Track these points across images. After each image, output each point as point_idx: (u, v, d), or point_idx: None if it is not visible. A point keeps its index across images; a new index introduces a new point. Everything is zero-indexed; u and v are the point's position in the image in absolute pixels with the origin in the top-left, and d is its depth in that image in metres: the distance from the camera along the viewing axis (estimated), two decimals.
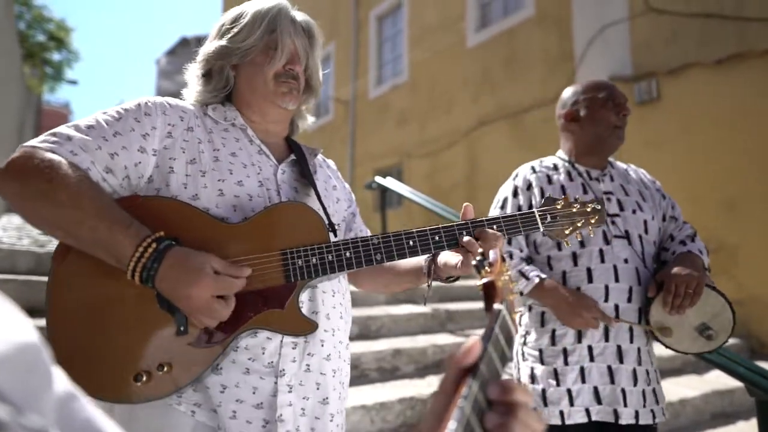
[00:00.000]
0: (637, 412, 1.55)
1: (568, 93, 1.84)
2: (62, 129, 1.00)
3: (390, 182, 5.17)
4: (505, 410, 0.45)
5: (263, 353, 1.01)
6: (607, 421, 1.55)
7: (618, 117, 1.72)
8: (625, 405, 1.55)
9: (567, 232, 1.20)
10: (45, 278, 0.98)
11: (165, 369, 0.93)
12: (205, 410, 0.99)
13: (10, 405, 0.26)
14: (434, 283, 1.20)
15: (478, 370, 0.46)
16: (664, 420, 1.62)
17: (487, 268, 0.62)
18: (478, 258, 0.63)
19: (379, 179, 5.27)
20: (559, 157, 1.82)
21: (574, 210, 1.21)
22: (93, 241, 0.91)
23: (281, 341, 1.02)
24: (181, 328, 0.95)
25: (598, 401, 1.55)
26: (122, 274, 0.92)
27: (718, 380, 3.54)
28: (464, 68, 8.00)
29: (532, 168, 1.78)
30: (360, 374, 3.01)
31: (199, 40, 1.27)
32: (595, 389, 1.56)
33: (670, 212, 1.79)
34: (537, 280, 1.61)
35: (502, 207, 1.77)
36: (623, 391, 1.56)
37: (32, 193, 0.91)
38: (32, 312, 1.49)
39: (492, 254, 0.65)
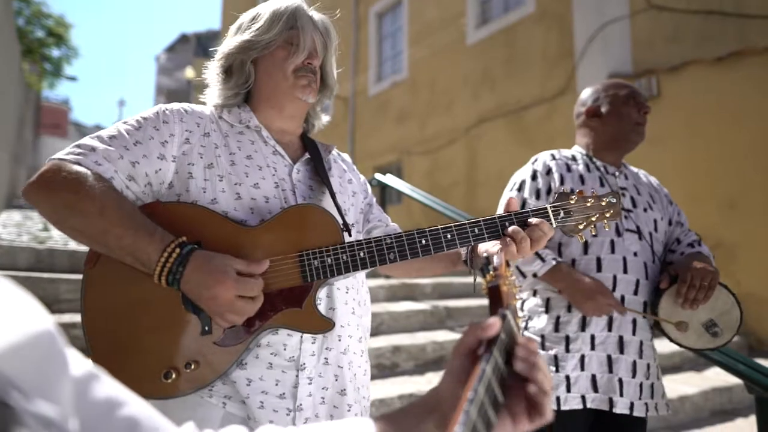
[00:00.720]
0: (632, 404, 1.57)
1: (588, 91, 1.87)
2: (86, 140, 1.05)
3: (390, 179, 5.17)
4: (526, 356, 0.52)
5: (284, 349, 1.06)
6: (602, 409, 1.57)
7: (639, 114, 1.75)
8: (621, 395, 1.57)
9: (581, 227, 1.19)
10: (45, 274, 1.01)
11: (192, 366, 0.98)
12: (235, 402, 1.04)
13: (21, 393, 0.27)
14: (433, 280, 1.23)
15: (485, 366, 0.47)
16: (666, 414, 1.64)
17: (491, 272, 0.63)
18: (482, 262, 0.64)
19: (379, 176, 5.27)
20: (577, 151, 1.85)
21: (589, 204, 1.20)
22: (119, 248, 0.96)
23: (301, 337, 1.08)
24: (206, 328, 1.00)
25: (595, 389, 1.57)
26: (149, 278, 0.97)
27: (718, 377, 3.55)
28: (464, 65, 7.99)
29: (552, 155, 1.79)
30: None
31: (199, 37, 1.28)
32: (593, 377, 1.58)
33: (676, 218, 1.83)
34: (554, 262, 1.62)
35: (519, 189, 1.77)
36: (620, 380, 1.58)
37: (61, 204, 0.97)
38: None
39: (496, 259, 0.66)
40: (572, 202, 1.19)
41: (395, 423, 0.52)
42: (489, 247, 1.13)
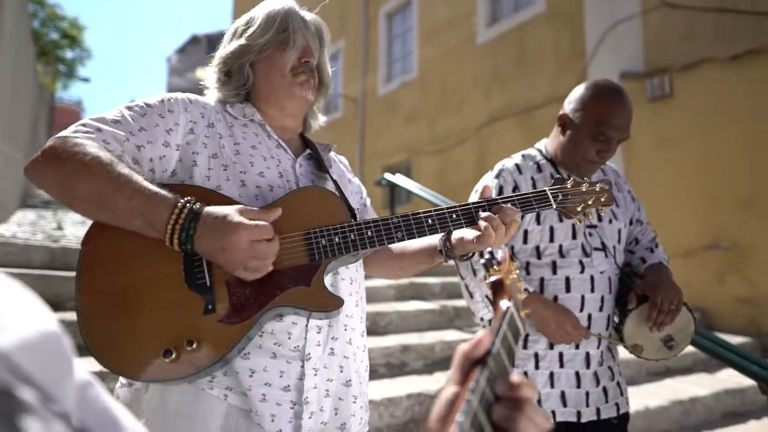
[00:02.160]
0: (598, 409, 1.61)
1: (580, 92, 1.68)
2: (90, 121, 1.03)
3: (399, 179, 5.17)
4: (512, 405, 0.45)
5: (289, 338, 1.04)
6: (570, 421, 1.60)
7: (597, 155, 1.60)
8: (587, 405, 1.60)
9: (579, 209, 1.24)
10: (59, 273, 1.01)
11: (194, 345, 0.95)
12: (237, 393, 1.01)
13: (38, 390, 0.27)
14: (442, 280, 1.23)
15: (487, 364, 0.47)
16: (628, 409, 1.67)
17: (495, 266, 0.63)
18: (486, 257, 0.64)
19: (388, 176, 5.27)
20: (542, 154, 1.74)
21: (584, 189, 1.25)
22: (129, 208, 0.94)
23: (306, 326, 1.06)
24: (209, 307, 0.97)
25: (564, 405, 1.60)
26: (150, 257, 0.96)
27: (730, 379, 3.51)
28: (474, 65, 7.96)
29: (517, 167, 1.70)
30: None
31: (210, 39, 1.31)
32: (563, 393, 1.60)
33: (636, 215, 1.80)
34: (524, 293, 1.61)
35: None
36: (587, 393, 1.61)
37: (68, 171, 0.95)
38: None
39: (500, 253, 0.66)
40: (568, 186, 1.24)
41: None
42: (465, 234, 1.12)
